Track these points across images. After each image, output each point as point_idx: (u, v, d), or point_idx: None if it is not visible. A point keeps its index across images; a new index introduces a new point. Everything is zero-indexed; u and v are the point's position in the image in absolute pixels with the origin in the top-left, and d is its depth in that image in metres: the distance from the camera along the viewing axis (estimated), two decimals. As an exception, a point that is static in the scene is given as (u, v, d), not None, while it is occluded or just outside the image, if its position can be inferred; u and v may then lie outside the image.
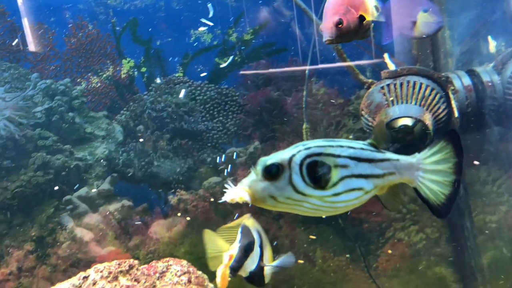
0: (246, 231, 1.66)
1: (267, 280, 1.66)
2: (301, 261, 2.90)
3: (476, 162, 2.77)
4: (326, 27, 1.65)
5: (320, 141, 1.17)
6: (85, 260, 2.93)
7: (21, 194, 3.02)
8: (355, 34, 1.69)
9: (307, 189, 1.12)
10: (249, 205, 1.14)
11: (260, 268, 1.62)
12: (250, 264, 1.61)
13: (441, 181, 1.19)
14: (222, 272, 1.55)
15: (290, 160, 1.12)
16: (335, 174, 1.14)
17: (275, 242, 2.91)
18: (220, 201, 1.13)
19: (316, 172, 1.13)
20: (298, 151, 1.14)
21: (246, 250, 1.62)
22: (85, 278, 1.75)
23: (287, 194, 1.12)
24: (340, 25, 1.63)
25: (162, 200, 3.34)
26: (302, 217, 3.03)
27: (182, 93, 3.35)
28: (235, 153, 3.29)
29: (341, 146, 1.16)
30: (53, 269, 2.92)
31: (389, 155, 1.20)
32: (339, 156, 1.15)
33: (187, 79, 3.65)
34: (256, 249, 1.62)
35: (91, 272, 1.77)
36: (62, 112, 3.40)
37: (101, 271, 1.76)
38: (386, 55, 2.55)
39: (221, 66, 3.64)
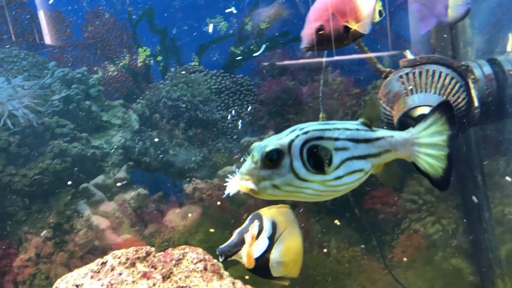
0: (255, 219, 1.63)
1: (276, 274, 1.62)
2: (325, 250, 2.90)
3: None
4: (305, 33, 1.57)
5: (316, 124, 1.15)
6: (101, 248, 2.96)
7: (39, 182, 3.06)
8: (340, 42, 1.60)
9: (309, 174, 1.10)
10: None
11: (264, 260, 1.59)
12: None
13: (437, 155, 1.18)
14: (247, 251, 1.54)
15: (290, 145, 1.09)
16: (336, 158, 1.12)
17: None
18: (224, 196, 1.09)
19: (317, 157, 1.10)
20: (296, 135, 1.11)
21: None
22: (103, 263, 1.77)
23: (288, 181, 1.09)
24: (321, 32, 1.55)
25: (177, 188, 3.36)
26: (316, 207, 3.02)
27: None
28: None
29: (338, 129, 1.15)
30: (71, 255, 2.96)
31: (383, 132, 1.19)
32: (337, 139, 1.13)
33: (202, 68, 3.64)
34: (263, 239, 1.60)
35: (109, 258, 1.78)
36: (79, 100, 3.42)
37: (118, 257, 1.77)
38: (408, 52, 2.51)
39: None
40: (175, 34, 3.72)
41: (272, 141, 1.10)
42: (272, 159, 1.07)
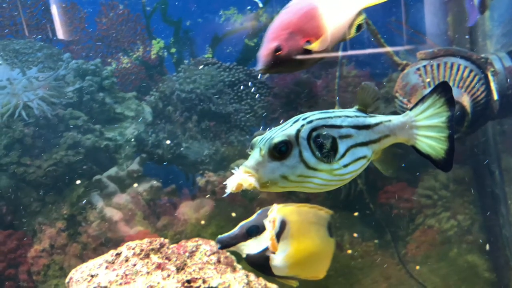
0: (264, 214, 1.61)
1: (278, 273, 1.59)
2: (349, 251, 2.88)
3: None
4: (261, 53, 1.46)
5: (317, 113, 1.14)
6: (114, 240, 2.97)
7: (53, 173, 3.08)
8: (301, 64, 1.48)
9: (319, 164, 1.09)
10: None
11: (264, 257, 1.57)
12: (251, 247, 1.57)
13: (437, 136, 1.16)
14: (270, 235, 1.54)
15: (297, 135, 1.08)
16: (342, 145, 1.12)
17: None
18: (224, 196, 1.07)
19: (323, 146, 1.09)
20: (301, 125, 1.10)
21: (249, 231, 1.58)
22: (118, 255, 1.77)
23: (299, 172, 1.07)
24: (278, 53, 1.43)
25: (190, 181, 3.36)
26: (329, 202, 3.00)
27: None
28: None
29: (339, 117, 1.14)
30: (84, 247, 2.98)
31: (381, 117, 1.19)
32: (341, 126, 1.13)
33: (216, 60, 3.62)
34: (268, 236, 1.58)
35: (123, 249, 1.79)
36: (93, 92, 3.42)
37: (133, 249, 1.78)
38: None
39: None
40: (189, 26, 3.70)
41: (277, 133, 1.09)
42: (281, 151, 1.06)
